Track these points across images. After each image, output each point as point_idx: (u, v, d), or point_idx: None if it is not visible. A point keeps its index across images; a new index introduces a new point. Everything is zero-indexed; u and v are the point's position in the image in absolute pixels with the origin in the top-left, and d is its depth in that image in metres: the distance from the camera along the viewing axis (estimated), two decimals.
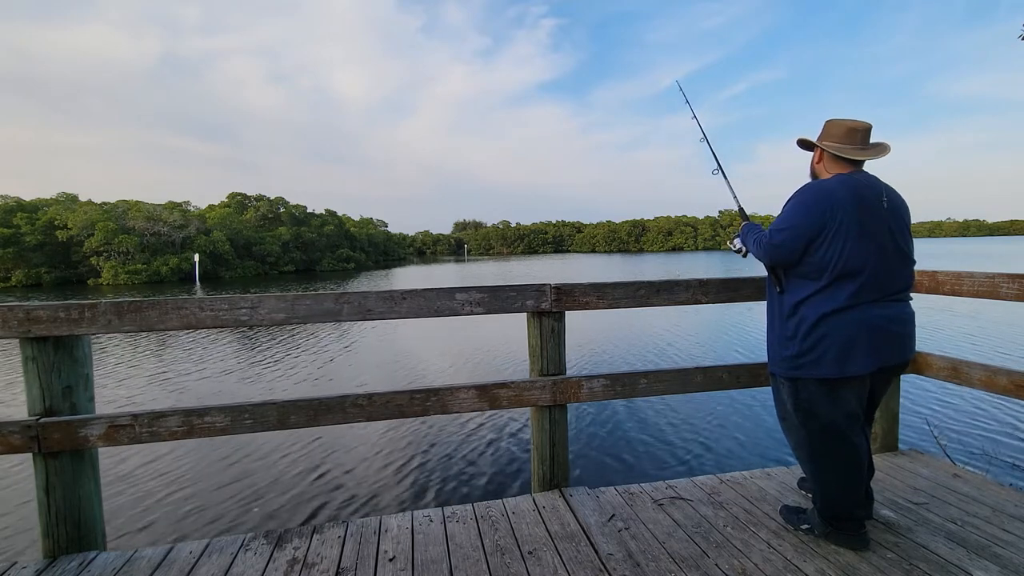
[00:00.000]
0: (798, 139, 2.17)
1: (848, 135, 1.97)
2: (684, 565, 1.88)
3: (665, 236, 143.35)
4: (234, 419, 2.12)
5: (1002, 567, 1.82)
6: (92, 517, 2.09)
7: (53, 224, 44.18)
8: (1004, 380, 2.38)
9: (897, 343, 1.92)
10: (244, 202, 67.44)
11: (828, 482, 1.98)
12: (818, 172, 2.09)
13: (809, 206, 1.89)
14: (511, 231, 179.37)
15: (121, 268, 43.99)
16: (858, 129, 1.97)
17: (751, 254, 2.19)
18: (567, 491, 2.44)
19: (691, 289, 2.56)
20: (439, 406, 2.31)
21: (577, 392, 2.44)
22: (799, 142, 2.18)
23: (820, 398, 1.93)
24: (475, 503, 2.39)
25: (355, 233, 79.73)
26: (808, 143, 2.13)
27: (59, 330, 1.99)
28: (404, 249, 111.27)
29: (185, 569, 1.93)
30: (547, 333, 2.43)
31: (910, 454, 2.82)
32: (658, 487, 2.51)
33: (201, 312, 2.09)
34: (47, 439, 1.96)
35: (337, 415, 2.21)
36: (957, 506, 2.26)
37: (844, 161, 1.98)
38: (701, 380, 2.59)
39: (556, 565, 1.90)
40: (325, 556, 1.99)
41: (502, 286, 2.34)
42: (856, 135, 1.97)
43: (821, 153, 2.05)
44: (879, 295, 1.88)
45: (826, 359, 1.88)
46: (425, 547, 2.04)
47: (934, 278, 2.68)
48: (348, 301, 2.19)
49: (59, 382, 2.02)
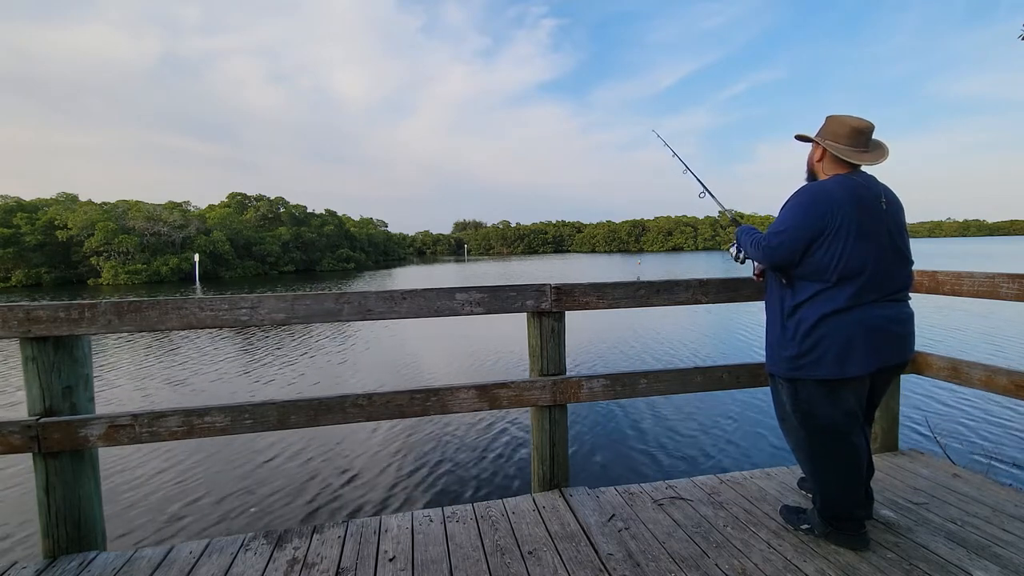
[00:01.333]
0: (796, 134, 2.14)
1: (853, 135, 1.92)
2: (684, 565, 1.88)
3: (665, 236, 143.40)
4: (234, 419, 2.12)
5: (1002, 567, 1.82)
6: (92, 517, 2.08)
7: (53, 224, 44.18)
8: (1004, 380, 2.38)
9: (897, 343, 1.91)
10: (244, 202, 67.45)
11: (828, 482, 1.97)
12: (816, 171, 2.05)
13: (808, 208, 1.88)
14: (511, 231, 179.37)
15: (121, 268, 44.00)
16: (863, 131, 1.92)
17: (750, 258, 2.17)
18: (567, 491, 2.44)
19: (691, 289, 2.56)
20: (439, 406, 2.31)
21: (577, 392, 2.44)
22: (797, 136, 2.15)
23: (820, 399, 1.92)
24: (475, 503, 2.39)
25: (355, 233, 79.76)
26: (807, 139, 2.09)
27: (59, 330, 1.99)
28: (404, 249, 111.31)
29: (185, 569, 1.93)
30: (547, 333, 2.43)
31: (910, 454, 2.82)
32: (658, 487, 2.51)
33: (201, 312, 2.09)
34: (47, 439, 1.96)
35: (337, 415, 2.21)
36: (957, 506, 2.25)
37: (845, 163, 1.95)
38: (701, 380, 2.59)
39: (556, 565, 1.90)
40: (325, 556, 1.99)
41: (502, 286, 2.34)
42: (861, 137, 1.93)
43: (823, 152, 2.00)
44: (878, 295, 1.88)
45: (826, 360, 1.87)
46: (425, 547, 2.04)
47: (934, 278, 2.67)
48: (348, 301, 2.19)
49: (59, 382, 2.02)
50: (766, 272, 2.14)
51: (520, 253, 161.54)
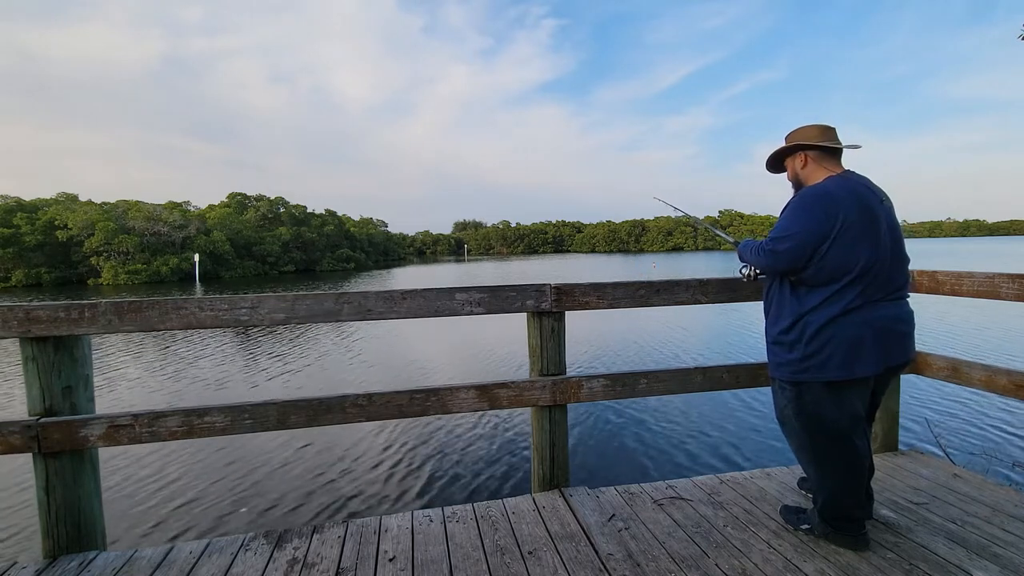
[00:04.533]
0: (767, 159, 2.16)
1: (823, 132, 2.00)
2: (684, 565, 1.88)
3: (665, 236, 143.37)
4: (234, 419, 2.12)
5: (1002, 567, 1.82)
6: (92, 517, 2.09)
7: (53, 224, 44.18)
8: (1004, 380, 2.37)
9: (902, 342, 1.91)
10: (244, 202, 67.46)
11: (830, 484, 1.96)
12: (804, 177, 2.04)
13: (813, 212, 1.85)
14: (511, 231, 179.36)
15: (121, 268, 44.00)
16: (830, 127, 2.01)
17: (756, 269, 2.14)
18: (567, 491, 2.44)
19: (691, 289, 2.55)
20: (439, 406, 2.31)
21: (577, 392, 2.44)
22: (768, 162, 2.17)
23: (825, 401, 1.91)
24: (475, 503, 2.38)
25: (355, 233, 79.79)
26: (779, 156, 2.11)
27: (59, 330, 1.99)
28: (404, 249, 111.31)
29: (185, 569, 1.93)
30: (547, 333, 2.43)
31: (910, 454, 2.81)
32: (658, 487, 2.51)
33: (201, 312, 2.09)
34: (47, 439, 1.96)
35: (337, 415, 2.20)
36: (957, 506, 2.25)
37: (829, 161, 1.99)
38: (701, 380, 2.59)
39: (556, 565, 1.90)
40: (325, 556, 1.99)
41: (502, 286, 2.34)
42: (830, 132, 2.01)
43: (805, 159, 2.02)
44: (881, 295, 1.87)
45: (832, 361, 1.85)
46: (425, 547, 2.04)
47: (934, 278, 2.67)
48: (348, 301, 2.19)
49: (59, 382, 2.02)
50: (766, 274, 2.13)
51: (520, 253, 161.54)
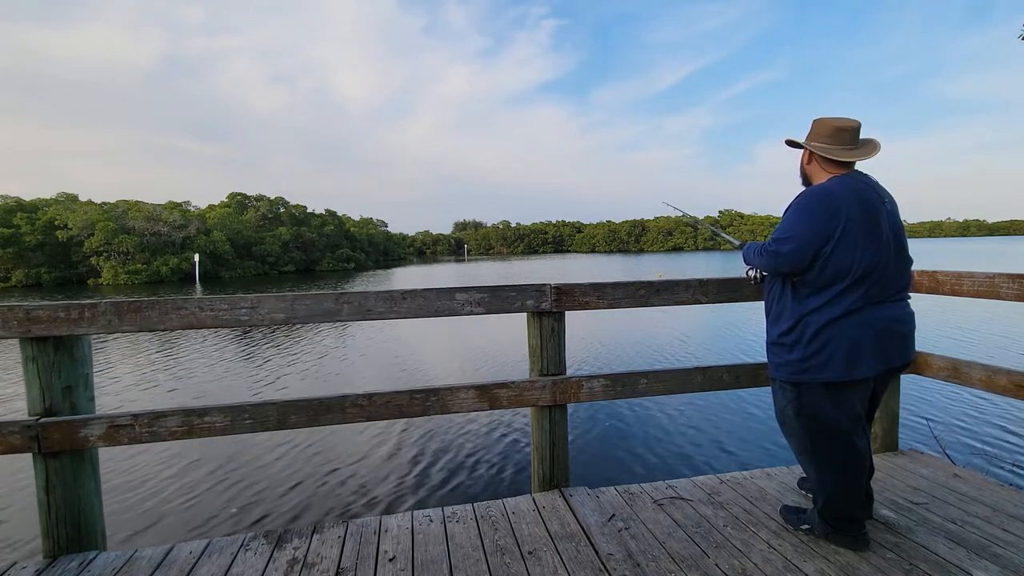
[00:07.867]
0: (786, 139, 2.14)
1: (835, 135, 1.93)
2: (684, 565, 1.88)
3: (665, 236, 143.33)
4: (234, 419, 2.12)
5: (1002, 567, 1.82)
6: (92, 517, 2.09)
7: (53, 224, 44.16)
8: (1004, 380, 2.37)
9: (903, 343, 1.91)
10: (244, 202, 67.43)
11: (831, 484, 1.96)
12: (809, 173, 2.04)
13: (816, 213, 1.84)
14: (511, 231, 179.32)
15: (121, 268, 43.98)
16: (846, 128, 1.92)
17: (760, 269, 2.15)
18: (567, 491, 2.44)
19: (691, 289, 2.55)
20: (439, 406, 2.31)
21: (577, 392, 2.44)
22: (787, 142, 2.15)
23: (824, 402, 1.91)
24: (475, 503, 2.38)
25: (355, 233, 79.75)
26: (795, 143, 2.09)
27: (59, 330, 1.99)
28: (404, 249, 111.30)
29: (185, 569, 1.93)
30: (547, 333, 2.43)
31: (910, 454, 2.81)
32: (658, 487, 2.51)
33: (201, 312, 2.09)
34: (47, 439, 1.96)
35: (337, 415, 2.21)
36: (957, 506, 2.26)
37: (835, 162, 1.95)
38: (701, 380, 2.59)
39: (556, 565, 1.90)
40: (325, 556, 1.99)
41: (502, 286, 2.34)
42: (844, 135, 1.92)
43: (811, 155, 2.01)
44: (883, 296, 1.87)
45: (833, 363, 1.85)
46: (425, 547, 2.04)
47: (934, 278, 2.67)
48: (348, 301, 2.19)
49: (59, 382, 2.02)
50: (767, 275, 2.13)
51: (520, 253, 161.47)
